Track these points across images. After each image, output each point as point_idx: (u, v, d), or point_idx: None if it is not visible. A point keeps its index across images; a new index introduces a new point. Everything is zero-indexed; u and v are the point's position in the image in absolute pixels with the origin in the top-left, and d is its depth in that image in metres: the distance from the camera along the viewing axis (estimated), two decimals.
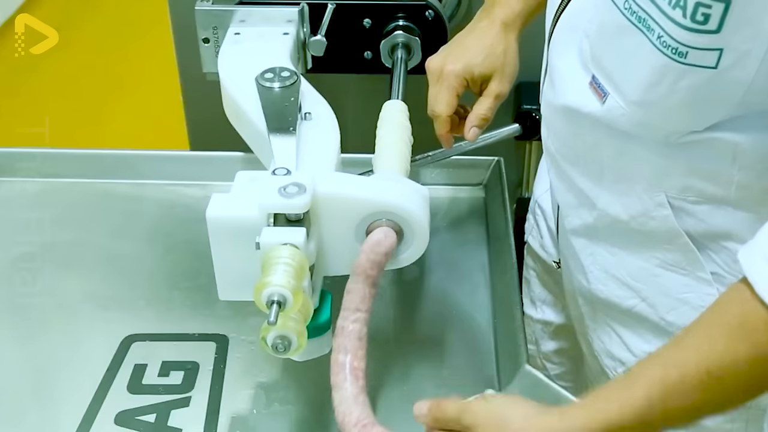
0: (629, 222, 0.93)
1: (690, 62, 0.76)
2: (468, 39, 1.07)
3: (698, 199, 0.88)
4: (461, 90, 1.05)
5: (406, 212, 0.84)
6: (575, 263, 1.04)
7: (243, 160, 1.20)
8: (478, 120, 1.05)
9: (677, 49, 0.76)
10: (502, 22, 1.06)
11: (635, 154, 0.88)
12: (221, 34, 1.20)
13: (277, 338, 0.78)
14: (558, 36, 0.95)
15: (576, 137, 0.94)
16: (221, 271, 0.86)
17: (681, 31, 0.75)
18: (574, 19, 0.91)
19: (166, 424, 0.90)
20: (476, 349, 0.98)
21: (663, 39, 0.77)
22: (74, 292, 1.06)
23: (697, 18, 0.73)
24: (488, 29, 1.06)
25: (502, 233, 1.11)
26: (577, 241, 1.02)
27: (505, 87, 1.05)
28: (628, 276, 0.98)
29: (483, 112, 1.04)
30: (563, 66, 0.93)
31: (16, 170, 1.24)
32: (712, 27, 0.73)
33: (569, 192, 0.99)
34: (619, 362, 1.03)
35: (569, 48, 0.92)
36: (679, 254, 0.92)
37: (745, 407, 0.99)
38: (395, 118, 1.03)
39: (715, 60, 0.75)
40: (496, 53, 1.04)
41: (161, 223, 1.18)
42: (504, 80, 1.05)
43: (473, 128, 1.05)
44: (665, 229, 0.91)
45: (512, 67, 1.05)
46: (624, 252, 0.97)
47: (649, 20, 0.78)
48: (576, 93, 0.91)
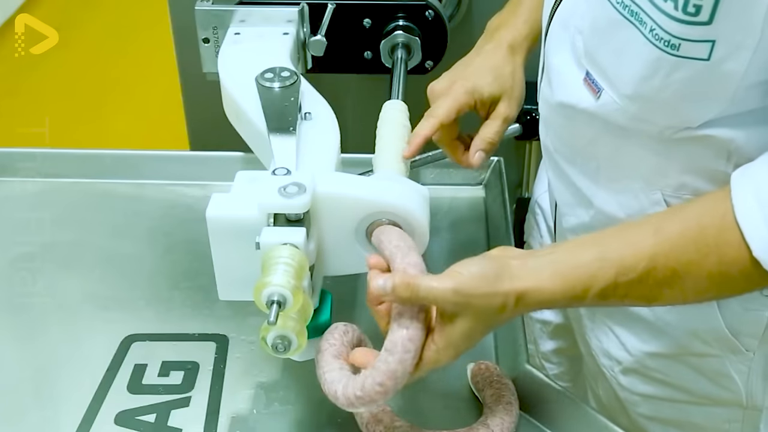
0: (625, 220, 0.93)
1: (682, 54, 0.77)
2: (475, 60, 1.04)
3: (694, 197, 0.88)
4: (465, 108, 1.00)
5: (406, 212, 0.84)
6: None
7: (243, 160, 1.20)
8: (484, 144, 1.01)
9: (670, 42, 0.77)
10: (508, 45, 1.04)
11: (631, 151, 0.89)
12: (221, 34, 1.20)
13: (277, 338, 0.79)
14: (552, 34, 0.95)
15: (572, 135, 0.94)
16: (221, 271, 0.86)
17: (673, 23, 0.75)
18: (567, 16, 0.91)
19: (166, 424, 0.90)
20: (476, 349, 0.98)
21: (655, 32, 0.77)
22: (74, 292, 1.06)
23: (689, 9, 0.74)
24: (495, 51, 1.04)
25: (502, 233, 1.11)
26: None
27: (513, 110, 1.02)
28: None
29: (490, 135, 1.01)
30: (558, 63, 0.94)
31: (16, 170, 1.24)
32: (704, 18, 0.74)
33: (567, 190, 1.00)
34: (616, 362, 1.03)
35: (563, 45, 0.92)
36: None
37: (741, 407, 1.00)
38: (395, 118, 1.03)
39: (708, 52, 0.76)
40: (504, 75, 1.02)
41: (161, 223, 1.18)
42: (512, 103, 1.02)
43: (479, 152, 1.00)
44: None
45: (519, 91, 1.03)
46: None
47: (642, 13, 0.78)
48: (571, 90, 0.91)
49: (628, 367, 1.02)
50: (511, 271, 0.77)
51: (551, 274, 0.77)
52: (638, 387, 1.03)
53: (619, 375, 1.04)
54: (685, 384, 1.00)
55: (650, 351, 1.00)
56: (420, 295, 0.76)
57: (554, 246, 0.80)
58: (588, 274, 0.77)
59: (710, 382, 0.99)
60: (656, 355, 1.00)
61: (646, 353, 1.00)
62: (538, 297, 0.77)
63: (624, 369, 1.03)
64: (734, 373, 0.97)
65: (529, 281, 0.76)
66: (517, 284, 0.76)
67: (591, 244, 0.79)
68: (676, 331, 0.97)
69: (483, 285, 0.75)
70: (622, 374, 1.03)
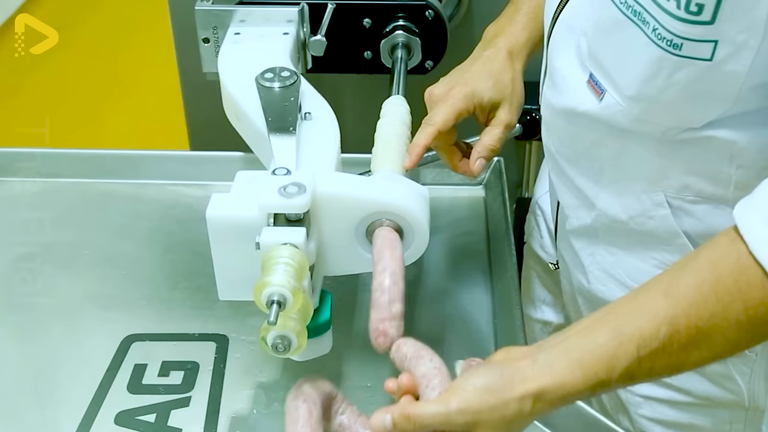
0: (628, 222, 0.93)
1: (685, 54, 0.77)
2: (474, 66, 1.02)
3: (697, 199, 0.88)
4: (464, 113, 0.99)
5: (406, 212, 0.84)
6: (575, 263, 1.04)
7: (243, 160, 1.20)
8: (486, 151, 0.99)
9: (672, 41, 0.77)
10: (508, 51, 1.03)
11: (634, 152, 0.89)
12: (221, 34, 1.20)
13: (277, 338, 0.78)
14: (556, 37, 0.95)
15: (575, 137, 0.94)
16: (221, 271, 0.86)
17: (675, 22, 0.75)
18: (572, 19, 0.91)
19: (166, 424, 0.90)
20: (476, 349, 0.98)
21: (658, 31, 0.77)
22: (74, 292, 1.06)
23: (691, 9, 0.74)
24: (494, 58, 1.02)
25: (502, 233, 1.11)
26: (577, 242, 1.02)
27: (514, 117, 1.01)
28: (626, 276, 0.98)
29: (491, 142, 0.99)
30: (562, 66, 0.93)
31: (16, 170, 1.24)
32: (706, 18, 0.74)
33: (569, 192, 1.00)
34: None
35: (567, 48, 0.92)
36: (678, 255, 0.92)
37: (744, 409, 0.99)
38: (396, 113, 1.02)
39: (710, 52, 0.76)
40: (504, 81, 1.00)
41: (161, 223, 1.18)
42: (513, 110, 1.01)
43: (480, 159, 0.99)
44: (664, 230, 0.91)
45: (519, 97, 1.02)
46: (623, 252, 0.97)
47: (644, 13, 0.78)
48: (574, 92, 0.91)
49: None
50: (521, 373, 0.71)
51: (568, 364, 0.70)
52: (640, 388, 1.02)
53: None
54: (687, 385, 1.00)
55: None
56: (425, 423, 0.70)
57: (562, 333, 0.74)
58: (608, 356, 0.70)
59: (712, 383, 0.99)
60: None
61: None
62: (558, 393, 0.70)
63: None
64: (737, 375, 0.97)
65: (545, 378, 0.70)
66: (531, 385, 0.70)
67: (603, 323, 0.73)
68: None
69: (491, 398, 0.69)
70: None
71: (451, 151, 1.02)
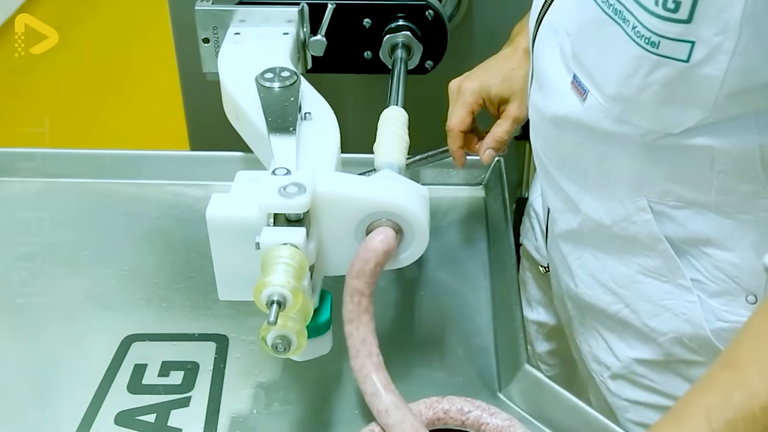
0: (612, 227, 0.93)
1: (662, 53, 0.77)
2: (490, 63, 1.10)
3: (679, 204, 0.89)
4: (476, 108, 1.07)
5: (406, 212, 0.84)
6: (564, 267, 1.04)
7: (243, 160, 1.20)
8: (494, 142, 1.07)
9: (650, 39, 0.77)
10: (524, 50, 1.07)
11: (616, 157, 0.89)
12: (221, 34, 1.20)
13: (277, 338, 0.78)
14: (541, 39, 0.96)
15: (560, 140, 0.95)
16: (221, 271, 0.86)
17: (653, 19, 0.76)
18: (556, 20, 0.92)
19: (166, 424, 0.89)
20: (476, 349, 0.98)
21: (637, 29, 0.78)
22: (74, 292, 1.06)
23: (668, 6, 0.75)
24: (511, 55, 1.10)
25: (502, 233, 1.11)
26: (565, 246, 1.02)
27: (523, 111, 1.06)
28: (611, 281, 0.98)
29: (500, 134, 1.07)
30: (547, 68, 0.94)
31: (16, 170, 1.24)
32: (683, 16, 0.75)
33: (557, 196, 1.00)
34: (605, 367, 1.03)
35: (552, 50, 0.93)
36: (660, 261, 0.92)
37: None
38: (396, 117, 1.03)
39: (687, 53, 0.76)
40: (515, 78, 1.07)
41: (161, 223, 1.18)
42: (523, 105, 1.06)
43: (488, 150, 1.08)
44: (646, 235, 0.91)
45: None
46: (608, 257, 0.97)
47: (625, 11, 0.79)
48: (559, 94, 0.92)
49: (617, 373, 1.02)
50: None
51: None
52: (626, 393, 1.03)
53: (608, 380, 1.04)
54: (673, 391, 0.99)
55: (638, 357, 1.00)
56: None
57: None
58: None
59: None
60: (644, 362, 1.00)
61: (634, 359, 1.00)
62: None
63: (612, 374, 1.03)
64: None
65: None
66: None
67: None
68: (662, 337, 0.97)
69: None
70: (611, 379, 1.03)
71: (468, 138, 1.10)
